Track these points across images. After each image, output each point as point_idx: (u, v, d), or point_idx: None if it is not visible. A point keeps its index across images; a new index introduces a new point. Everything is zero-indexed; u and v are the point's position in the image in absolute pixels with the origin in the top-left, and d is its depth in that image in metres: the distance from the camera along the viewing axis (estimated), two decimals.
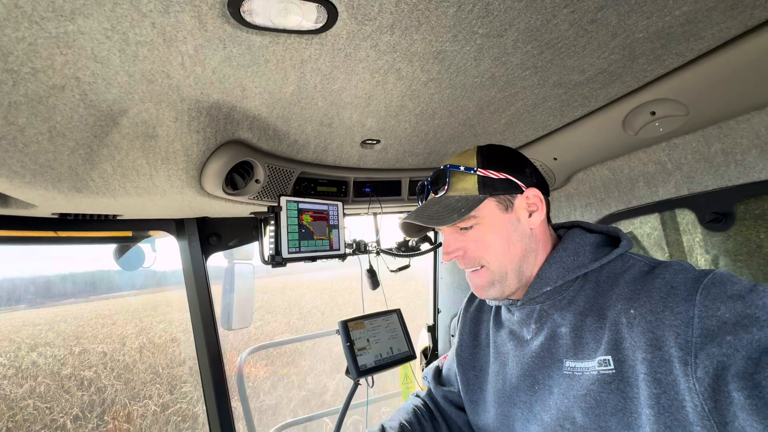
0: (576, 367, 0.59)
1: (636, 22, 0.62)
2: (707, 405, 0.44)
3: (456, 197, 0.66)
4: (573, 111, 0.96)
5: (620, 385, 0.53)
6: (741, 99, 0.82)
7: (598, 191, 1.29)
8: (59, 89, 0.58)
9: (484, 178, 0.65)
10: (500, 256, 0.65)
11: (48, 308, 24.38)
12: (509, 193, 0.65)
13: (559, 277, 0.62)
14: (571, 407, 0.58)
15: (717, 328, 0.45)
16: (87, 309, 22.08)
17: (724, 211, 0.96)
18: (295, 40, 0.58)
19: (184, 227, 1.32)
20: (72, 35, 0.48)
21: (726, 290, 0.47)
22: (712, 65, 0.71)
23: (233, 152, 0.92)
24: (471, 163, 0.67)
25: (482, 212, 0.65)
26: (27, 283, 27.64)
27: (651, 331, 0.50)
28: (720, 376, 0.43)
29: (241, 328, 1.69)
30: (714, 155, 0.94)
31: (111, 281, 26.65)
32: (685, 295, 0.49)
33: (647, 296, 0.52)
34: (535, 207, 0.66)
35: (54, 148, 0.70)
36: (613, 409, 0.53)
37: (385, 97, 0.80)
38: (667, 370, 0.47)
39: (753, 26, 0.63)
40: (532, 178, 0.68)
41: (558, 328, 0.62)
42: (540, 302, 0.65)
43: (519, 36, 0.63)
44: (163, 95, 0.67)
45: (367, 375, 1.21)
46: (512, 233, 0.65)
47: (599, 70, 0.76)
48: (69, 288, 25.87)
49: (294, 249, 1.12)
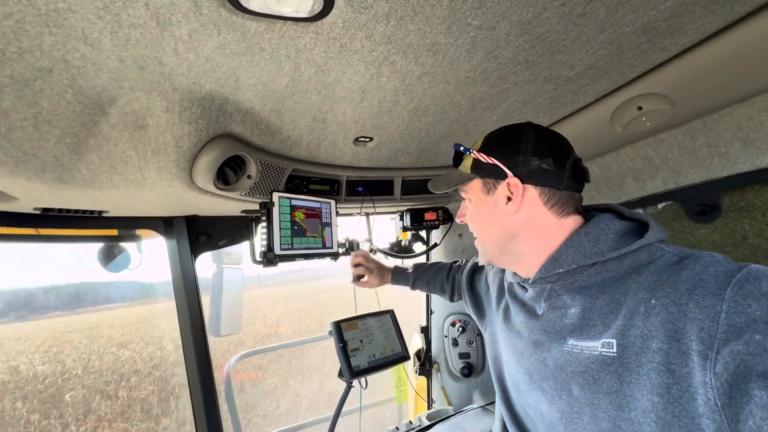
0: (577, 345, 0.59)
1: (623, 16, 0.64)
2: (720, 400, 0.43)
3: (458, 172, 0.76)
4: (563, 107, 0.98)
5: (619, 369, 0.53)
6: (723, 92, 0.84)
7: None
8: (47, 72, 0.56)
9: (476, 160, 0.71)
10: (480, 232, 0.75)
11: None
12: (494, 177, 0.69)
13: (574, 261, 0.62)
14: (569, 380, 0.59)
15: (745, 326, 0.43)
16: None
17: (711, 203, 0.98)
18: (291, 28, 0.58)
19: (173, 226, 1.29)
20: (62, 13, 0.47)
21: (760, 287, 0.44)
22: (696, 59, 0.74)
23: (225, 146, 0.91)
24: (476, 145, 0.73)
25: (470, 190, 0.74)
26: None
27: (671, 323, 0.48)
28: (741, 374, 0.41)
29: (230, 335, 1.65)
30: (699, 149, 0.97)
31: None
32: (715, 288, 0.46)
33: (672, 287, 0.50)
34: (513, 196, 0.66)
35: (39, 135, 0.68)
36: (607, 389, 0.54)
37: (379, 91, 0.80)
38: (683, 362, 0.46)
39: (733, 20, 0.66)
40: (523, 168, 0.66)
41: (568, 308, 0.63)
42: (551, 282, 0.65)
43: (511, 29, 0.64)
44: (154, 83, 0.66)
45: (360, 376, 1.19)
46: (489, 214, 0.71)
47: (588, 65, 0.78)
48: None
49: (287, 245, 1.10)
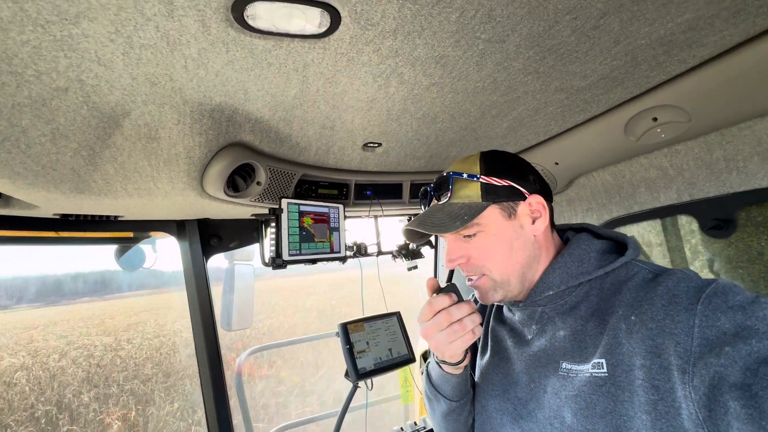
0: (571, 369, 0.59)
1: (638, 29, 0.62)
2: (701, 413, 0.44)
3: (459, 204, 0.66)
4: (575, 116, 0.96)
5: (611, 388, 0.53)
6: (743, 106, 0.82)
7: (600, 196, 1.29)
8: (62, 91, 0.58)
9: (487, 185, 0.65)
10: (503, 264, 0.65)
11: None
12: (512, 200, 0.65)
13: (562, 282, 0.63)
14: (561, 406, 0.59)
15: (716, 339, 0.45)
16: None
17: (726, 217, 0.96)
18: (298, 45, 0.58)
19: (185, 228, 1.33)
20: (76, 38, 0.48)
21: (727, 301, 0.47)
22: (714, 72, 0.71)
23: (235, 154, 0.92)
24: (474, 169, 0.67)
25: (485, 219, 0.64)
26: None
27: (651, 339, 0.50)
28: (716, 386, 0.43)
29: (241, 329, 1.69)
30: (716, 162, 0.94)
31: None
32: (687, 304, 0.49)
33: (649, 304, 0.52)
34: (539, 213, 0.66)
35: (56, 149, 0.70)
36: (602, 411, 0.54)
37: (387, 101, 0.80)
38: (665, 377, 0.48)
39: (755, 34, 0.64)
40: (536, 184, 0.68)
41: (558, 331, 0.63)
42: (542, 305, 0.65)
43: (521, 42, 0.63)
44: (165, 98, 0.67)
45: (366, 378, 1.21)
46: (515, 240, 0.64)
47: (601, 75, 0.76)
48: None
49: (295, 251, 1.12)
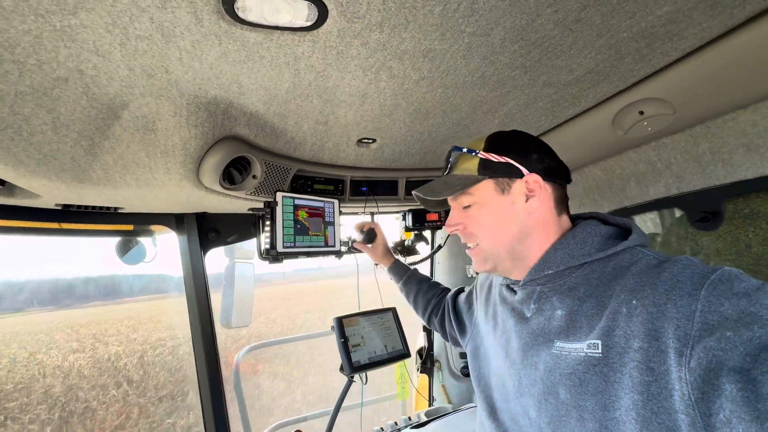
0: (564, 347, 0.60)
1: (619, 22, 0.63)
2: (694, 395, 0.44)
3: (458, 176, 0.71)
4: (564, 111, 0.97)
5: (604, 369, 0.54)
6: (726, 97, 0.83)
7: (592, 192, 1.30)
8: (63, 81, 0.61)
9: (485, 160, 0.68)
10: (492, 236, 0.69)
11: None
12: (508, 176, 0.67)
13: (562, 262, 0.64)
14: (556, 383, 0.60)
15: (717, 323, 0.45)
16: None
17: (713, 210, 0.96)
18: (288, 37, 0.60)
19: (184, 222, 1.35)
20: (75, 29, 0.51)
21: (732, 287, 0.47)
22: (697, 64, 0.73)
23: (231, 147, 0.95)
24: (478, 146, 0.71)
25: (479, 192, 0.69)
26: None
27: (651, 322, 0.50)
28: (713, 369, 0.43)
29: (240, 327, 1.71)
30: (702, 154, 0.95)
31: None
32: (691, 289, 0.49)
33: (652, 288, 0.53)
34: (534, 193, 0.67)
35: (57, 138, 0.73)
36: (593, 389, 0.55)
37: (378, 95, 0.82)
38: (661, 359, 0.48)
39: (734, 26, 0.65)
40: (538, 164, 0.69)
41: (555, 310, 0.64)
42: (540, 284, 0.67)
43: (506, 35, 0.65)
44: (162, 90, 0.69)
45: (360, 371, 1.22)
46: (505, 215, 0.68)
47: (587, 69, 0.78)
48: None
49: (289, 243, 1.14)
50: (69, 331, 15.50)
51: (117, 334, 14.06)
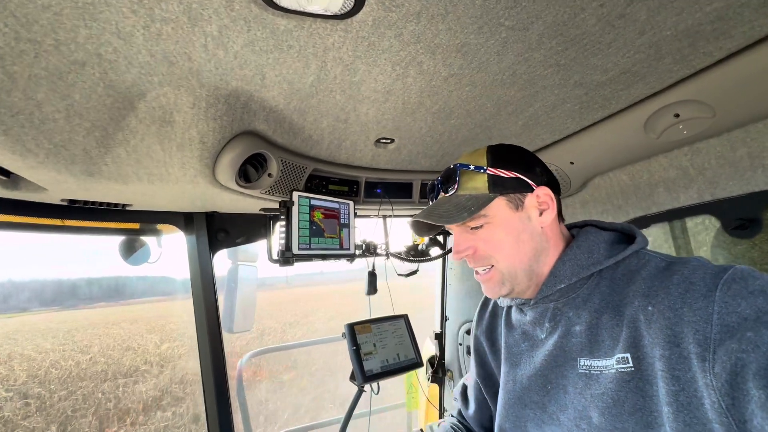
0: (592, 365, 0.57)
1: (665, 19, 0.61)
2: (725, 401, 0.43)
3: (466, 196, 0.66)
4: (593, 113, 0.95)
5: (639, 383, 0.51)
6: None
7: (615, 197, 1.26)
8: (80, 65, 0.57)
9: (494, 176, 0.65)
10: (510, 255, 0.64)
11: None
12: (519, 191, 0.65)
13: (573, 274, 0.62)
14: (587, 406, 0.56)
15: (737, 324, 0.44)
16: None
17: (751, 217, 0.93)
18: (320, 26, 0.57)
19: (193, 221, 1.31)
20: (98, 6, 0.48)
21: (747, 286, 0.46)
22: (741, 65, 0.70)
23: (248, 143, 0.91)
24: (481, 162, 0.67)
25: (492, 211, 0.64)
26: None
27: (669, 328, 0.49)
28: (738, 372, 0.42)
29: (243, 332, 1.66)
30: (740, 159, 0.92)
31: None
32: (705, 291, 0.48)
33: (665, 293, 0.51)
34: (546, 205, 0.66)
35: (70, 127, 0.69)
36: (631, 408, 0.51)
37: (403, 92, 0.79)
38: (685, 366, 0.46)
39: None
40: (543, 176, 0.68)
41: (573, 326, 0.61)
42: (554, 300, 0.64)
43: (545, 30, 0.62)
44: (182, 79, 0.66)
45: (372, 381, 1.18)
46: (522, 232, 0.64)
47: (623, 69, 0.75)
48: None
49: (304, 245, 1.10)
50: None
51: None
